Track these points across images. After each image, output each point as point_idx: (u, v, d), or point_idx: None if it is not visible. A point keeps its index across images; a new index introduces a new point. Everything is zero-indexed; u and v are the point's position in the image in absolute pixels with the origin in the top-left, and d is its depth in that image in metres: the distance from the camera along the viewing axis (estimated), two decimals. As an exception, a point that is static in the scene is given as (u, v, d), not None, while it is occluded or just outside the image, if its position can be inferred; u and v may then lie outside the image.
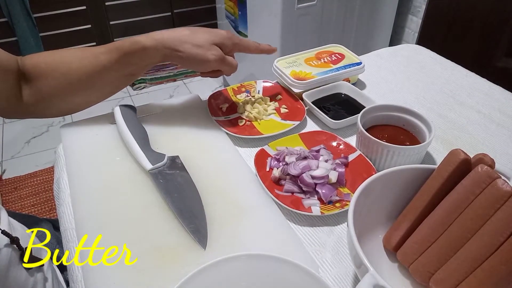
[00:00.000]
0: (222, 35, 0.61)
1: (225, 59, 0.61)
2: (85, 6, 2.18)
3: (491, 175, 0.39)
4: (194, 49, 0.59)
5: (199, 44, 0.59)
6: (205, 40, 0.60)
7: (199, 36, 0.60)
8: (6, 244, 0.50)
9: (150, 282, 0.44)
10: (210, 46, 0.60)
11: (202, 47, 0.59)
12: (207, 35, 0.60)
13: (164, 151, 0.59)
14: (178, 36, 0.59)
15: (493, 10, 1.43)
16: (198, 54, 0.59)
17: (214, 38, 0.61)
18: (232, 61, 0.63)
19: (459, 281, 0.39)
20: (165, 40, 0.59)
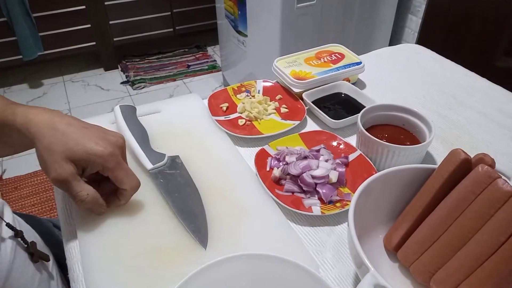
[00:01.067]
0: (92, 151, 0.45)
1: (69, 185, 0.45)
2: (85, 6, 2.18)
3: (491, 175, 0.39)
4: (45, 153, 0.45)
5: (53, 149, 0.45)
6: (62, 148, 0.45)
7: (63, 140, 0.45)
8: (10, 237, 0.50)
9: (150, 282, 0.44)
10: (62, 160, 0.45)
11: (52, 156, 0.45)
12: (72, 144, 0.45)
13: (164, 151, 0.59)
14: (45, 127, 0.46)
15: (493, 9, 1.43)
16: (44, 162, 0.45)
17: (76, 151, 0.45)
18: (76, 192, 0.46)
19: (460, 281, 0.39)
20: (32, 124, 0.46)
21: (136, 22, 2.36)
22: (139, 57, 2.54)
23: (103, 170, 0.47)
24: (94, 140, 0.46)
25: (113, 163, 0.47)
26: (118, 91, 2.28)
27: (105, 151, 0.46)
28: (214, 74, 2.42)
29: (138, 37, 2.42)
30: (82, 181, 0.46)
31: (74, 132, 0.46)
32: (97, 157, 0.46)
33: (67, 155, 0.45)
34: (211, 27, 2.42)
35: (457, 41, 1.59)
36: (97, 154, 0.46)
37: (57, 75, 2.43)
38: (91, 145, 0.46)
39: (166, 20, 2.43)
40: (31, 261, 0.52)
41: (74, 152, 0.45)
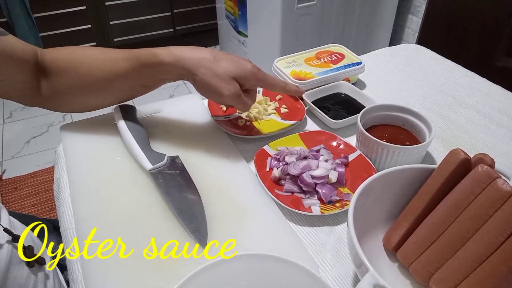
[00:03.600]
0: (246, 69, 0.56)
1: (240, 98, 0.56)
2: (85, 6, 2.18)
3: (491, 175, 0.39)
4: (211, 78, 0.54)
5: (218, 73, 0.55)
6: (225, 71, 0.55)
7: (221, 64, 0.55)
8: (7, 241, 0.50)
9: (150, 282, 0.44)
10: (229, 79, 0.55)
11: (220, 78, 0.54)
12: (230, 66, 0.55)
13: (164, 151, 0.59)
14: (198, 58, 0.55)
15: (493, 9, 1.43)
16: (213, 85, 0.55)
17: (237, 71, 0.55)
18: (247, 102, 0.57)
19: (459, 281, 0.39)
20: (184, 59, 0.55)
21: (137, 22, 2.36)
22: (139, 57, 2.54)
23: (258, 81, 0.57)
24: (242, 62, 0.57)
25: (261, 74, 0.58)
26: (118, 91, 2.28)
27: (254, 68, 0.57)
28: (214, 74, 2.41)
29: (139, 37, 2.42)
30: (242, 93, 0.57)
31: (224, 58, 0.56)
32: (252, 73, 0.56)
33: (231, 76, 0.55)
34: (211, 27, 2.42)
35: (457, 41, 1.59)
36: (251, 70, 0.56)
37: (58, 75, 2.43)
38: (245, 65, 0.56)
39: (166, 20, 2.43)
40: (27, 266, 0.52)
41: (238, 72, 0.55)
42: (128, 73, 0.57)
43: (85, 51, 0.60)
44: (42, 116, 2.09)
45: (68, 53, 0.59)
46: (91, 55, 0.59)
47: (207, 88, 0.55)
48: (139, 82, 0.59)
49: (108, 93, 0.60)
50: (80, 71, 0.58)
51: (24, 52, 0.55)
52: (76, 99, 0.61)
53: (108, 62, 0.58)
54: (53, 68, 0.57)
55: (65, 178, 0.59)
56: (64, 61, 0.58)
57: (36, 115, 2.10)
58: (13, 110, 2.15)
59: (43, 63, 0.57)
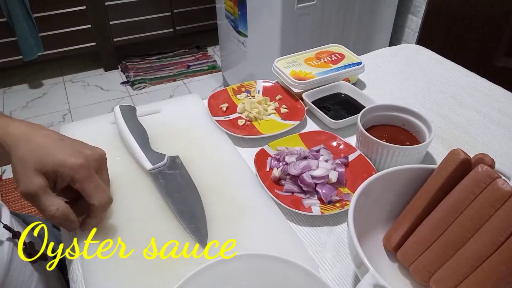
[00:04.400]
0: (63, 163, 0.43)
1: (38, 200, 0.42)
2: (85, 6, 2.18)
3: (491, 175, 0.39)
4: (17, 165, 0.43)
5: (24, 161, 0.42)
6: (33, 160, 0.42)
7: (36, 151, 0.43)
8: (8, 238, 0.50)
9: (150, 282, 0.44)
10: (32, 172, 0.42)
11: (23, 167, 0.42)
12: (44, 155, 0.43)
13: (164, 151, 0.59)
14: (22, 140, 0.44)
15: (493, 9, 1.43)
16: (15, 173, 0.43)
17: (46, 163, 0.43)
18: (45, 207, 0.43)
19: (459, 281, 0.39)
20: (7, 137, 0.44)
21: (137, 22, 2.36)
22: (139, 57, 2.54)
23: (72, 182, 0.44)
24: (68, 151, 0.44)
25: (82, 175, 0.44)
26: (118, 92, 2.29)
27: (76, 162, 0.43)
28: (214, 75, 2.42)
29: (139, 37, 2.42)
30: (53, 195, 0.44)
31: (48, 144, 0.44)
32: (66, 168, 0.43)
33: (37, 167, 0.42)
34: (211, 27, 2.42)
35: (457, 41, 1.59)
36: (66, 165, 0.43)
37: (57, 75, 2.43)
38: (62, 156, 0.43)
39: (166, 20, 2.43)
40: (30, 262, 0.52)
41: (44, 164, 0.43)
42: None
43: None
44: (42, 116, 2.09)
45: None
46: None
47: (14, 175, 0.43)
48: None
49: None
50: None
51: None
52: None
53: None
54: None
55: (65, 178, 0.59)
56: None
57: (36, 115, 2.10)
58: (13, 110, 2.15)
59: None
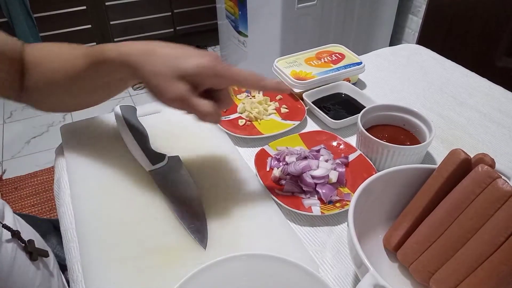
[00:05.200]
0: (200, 64, 0.45)
1: (188, 102, 0.45)
2: (85, 6, 2.18)
3: (491, 175, 0.39)
4: (154, 78, 0.45)
5: (162, 72, 0.45)
6: (171, 69, 0.44)
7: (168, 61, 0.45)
8: (10, 239, 0.50)
9: (150, 282, 0.44)
10: (174, 79, 0.44)
11: (163, 78, 0.45)
12: (178, 62, 0.45)
13: (164, 151, 0.59)
14: (145, 54, 0.46)
15: (493, 9, 1.43)
16: (154, 86, 0.46)
17: (186, 68, 0.45)
18: (200, 107, 0.45)
19: (459, 281, 0.39)
20: (127, 55, 0.46)
21: (137, 22, 2.36)
22: (139, 57, 2.54)
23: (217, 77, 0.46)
24: (196, 54, 0.46)
25: (223, 66, 0.46)
26: (118, 91, 2.28)
27: (211, 58, 0.45)
28: (214, 75, 2.41)
29: (139, 37, 2.42)
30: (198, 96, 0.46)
31: (175, 52, 0.46)
32: (207, 68, 0.45)
33: (178, 74, 0.44)
34: (211, 27, 2.42)
35: (457, 41, 1.59)
36: (206, 65, 0.45)
37: (58, 75, 2.43)
38: (198, 59, 0.45)
39: (166, 20, 2.43)
40: (30, 260, 0.52)
41: (184, 69, 0.44)
42: (84, 71, 0.50)
43: (54, 46, 0.54)
44: (42, 116, 2.09)
45: (40, 48, 0.54)
46: (58, 51, 0.54)
47: (152, 89, 0.46)
48: (93, 83, 0.52)
49: (72, 94, 0.55)
50: (46, 67, 0.53)
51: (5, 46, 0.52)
52: (48, 97, 0.56)
53: (69, 58, 0.52)
54: (27, 64, 0.53)
55: (65, 178, 0.59)
56: (34, 56, 0.53)
57: (36, 115, 2.10)
58: (13, 110, 2.15)
59: (24, 58, 0.54)
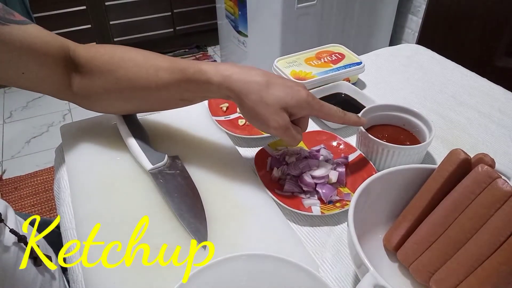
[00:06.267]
0: (300, 98, 0.50)
1: (289, 131, 0.51)
2: (85, 6, 2.18)
3: (491, 175, 0.39)
4: (259, 107, 0.50)
5: (268, 102, 0.50)
6: (276, 100, 0.50)
7: (272, 92, 0.50)
8: (14, 242, 0.50)
9: (150, 282, 0.44)
10: (279, 110, 0.50)
11: (269, 108, 0.50)
12: (282, 94, 0.50)
13: (164, 151, 0.59)
14: (248, 82, 0.50)
15: (493, 10, 1.43)
16: (261, 115, 0.50)
17: (289, 100, 0.50)
18: (295, 135, 0.52)
19: (460, 281, 0.39)
20: (233, 81, 0.50)
21: (137, 22, 2.36)
22: (139, 57, 2.54)
23: (311, 110, 0.52)
24: (295, 89, 0.51)
25: (315, 99, 0.52)
26: (118, 91, 2.28)
27: (305, 92, 0.51)
28: (214, 74, 2.41)
29: (139, 37, 2.42)
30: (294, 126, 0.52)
31: (276, 84, 0.51)
32: (306, 102, 0.51)
33: (282, 106, 0.50)
34: (211, 27, 2.42)
35: (457, 41, 1.59)
36: (306, 99, 0.51)
37: (58, 75, 2.43)
38: (299, 93, 0.51)
39: (166, 20, 2.43)
40: (33, 265, 0.52)
41: (288, 102, 0.50)
42: (170, 85, 0.53)
43: (125, 53, 0.55)
44: (42, 116, 2.09)
45: (106, 53, 0.55)
46: (131, 59, 0.54)
47: (254, 116, 0.51)
48: (180, 96, 0.55)
49: (143, 101, 0.57)
50: (117, 75, 0.54)
51: (46, 44, 0.52)
52: (109, 102, 0.58)
53: (147, 69, 0.53)
54: (88, 68, 0.54)
55: (65, 178, 0.59)
56: (101, 61, 0.54)
57: (36, 115, 2.10)
58: (13, 110, 2.15)
59: (77, 59, 0.55)
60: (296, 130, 0.52)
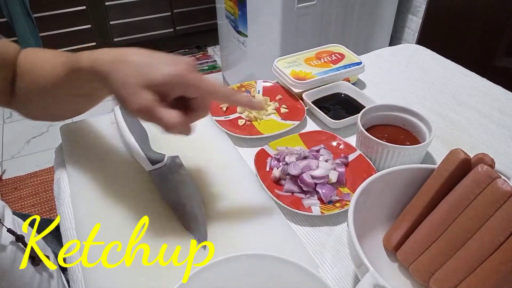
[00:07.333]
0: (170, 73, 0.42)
1: (153, 113, 0.42)
2: (85, 6, 2.18)
3: (491, 174, 0.39)
4: (119, 87, 0.42)
5: (128, 82, 0.42)
6: (137, 78, 0.42)
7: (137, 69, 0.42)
8: (11, 242, 0.50)
9: (150, 282, 0.44)
10: (139, 89, 0.41)
11: (129, 88, 0.42)
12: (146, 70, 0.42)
13: (164, 151, 0.59)
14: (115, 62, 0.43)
15: (493, 9, 1.43)
16: (120, 96, 0.42)
17: (152, 77, 0.42)
18: (165, 118, 0.42)
19: (459, 281, 0.39)
20: (99, 64, 0.44)
21: (137, 22, 2.36)
22: (139, 57, 2.54)
23: (186, 87, 0.43)
24: (168, 62, 0.43)
25: (195, 77, 0.43)
26: (118, 91, 2.28)
27: (183, 67, 0.43)
28: (214, 75, 2.42)
29: (139, 37, 2.42)
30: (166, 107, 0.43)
31: (144, 60, 0.43)
32: (176, 76, 0.42)
33: (145, 83, 0.41)
34: (211, 27, 2.42)
35: (457, 41, 1.59)
36: (175, 73, 0.42)
37: (58, 75, 2.43)
38: (168, 67, 0.42)
39: (166, 20, 2.43)
40: (31, 264, 0.52)
41: (152, 78, 0.42)
42: (61, 80, 0.49)
43: (41, 53, 0.53)
44: (42, 116, 2.09)
45: (27, 56, 0.53)
46: (43, 58, 0.52)
47: (118, 99, 0.43)
48: (72, 91, 0.50)
49: (56, 102, 0.53)
50: (32, 75, 0.52)
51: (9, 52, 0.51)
52: (32, 105, 0.55)
53: (52, 66, 0.50)
54: (19, 69, 0.52)
55: (65, 178, 0.59)
56: (24, 63, 0.52)
57: (36, 115, 2.10)
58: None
59: (17, 64, 0.52)
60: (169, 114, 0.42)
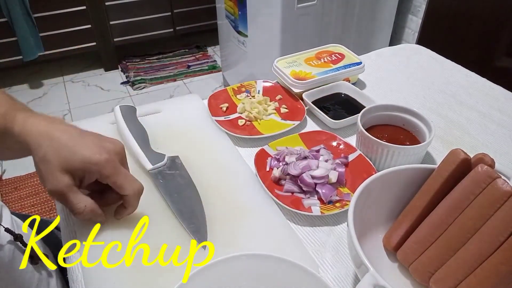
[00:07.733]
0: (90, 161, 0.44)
1: (66, 198, 0.44)
2: (85, 6, 2.18)
3: (491, 174, 0.39)
4: (41, 163, 0.43)
5: (49, 160, 0.43)
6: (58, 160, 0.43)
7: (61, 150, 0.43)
8: (9, 241, 0.50)
9: (150, 282, 0.44)
10: (57, 171, 0.43)
11: (49, 167, 0.43)
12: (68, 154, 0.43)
13: (164, 151, 0.59)
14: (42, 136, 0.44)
15: (493, 9, 1.43)
16: (40, 172, 0.44)
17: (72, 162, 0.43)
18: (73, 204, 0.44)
19: (459, 281, 0.39)
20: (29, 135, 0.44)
21: (137, 22, 2.36)
22: (139, 57, 2.54)
23: (101, 177, 0.45)
24: (90, 147, 0.45)
25: (110, 170, 0.45)
26: (118, 92, 2.29)
27: (101, 158, 0.44)
28: (214, 75, 2.42)
29: (139, 37, 2.42)
30: (79, 193, 0.45)
31: (69, 140, 0.44)
32: (92, 164, 0.44)
33: (62, 166, 0.43)
34: (211, 27, 2.42)
35: (457, 41, 1.59)
36: (92, 161, 0.44)
37: (58, 75, 2.43)
38: (87, 153, 0.44)
39: (166, 20, 2.43)
40: (30, 263, 0.52)
41: (70, 162, 0.43)
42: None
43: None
44: (42, 116, 2.09)
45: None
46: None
47: (38, 173, 0.44)
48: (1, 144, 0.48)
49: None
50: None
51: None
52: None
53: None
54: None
55: (65, 178, 0.59)
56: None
57: (36, 115, 2.09)
58: (13, 110, 2.15)
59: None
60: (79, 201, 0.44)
